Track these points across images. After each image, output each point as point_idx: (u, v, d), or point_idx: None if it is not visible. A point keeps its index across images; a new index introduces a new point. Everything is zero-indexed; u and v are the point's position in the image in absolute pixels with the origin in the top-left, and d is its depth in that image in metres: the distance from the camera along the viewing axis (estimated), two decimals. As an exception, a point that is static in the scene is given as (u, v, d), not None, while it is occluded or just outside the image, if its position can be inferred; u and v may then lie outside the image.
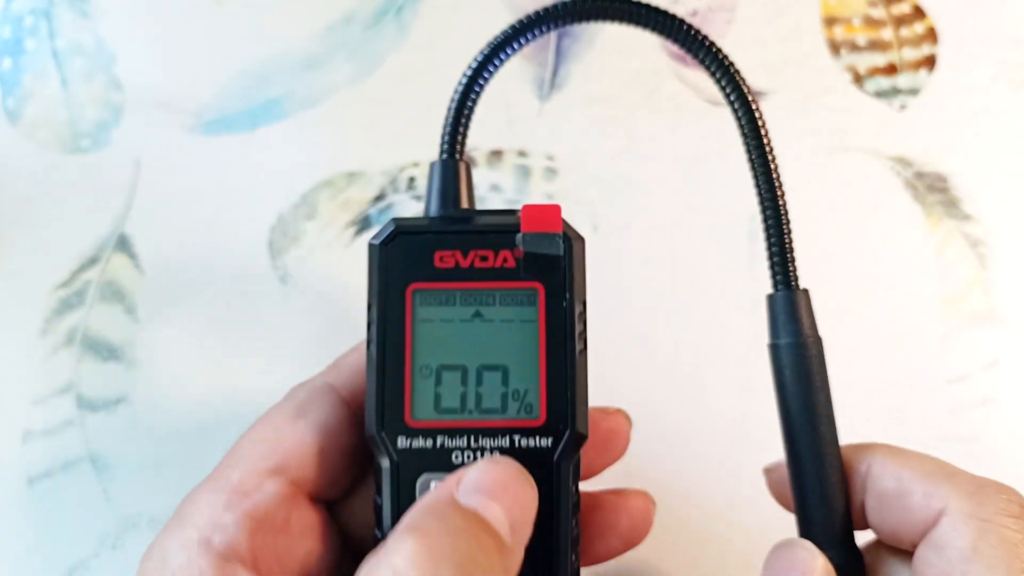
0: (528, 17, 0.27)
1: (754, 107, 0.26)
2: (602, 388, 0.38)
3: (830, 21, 0.45)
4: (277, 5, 0.46)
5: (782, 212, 0.26)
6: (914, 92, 0.43)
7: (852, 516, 0.26)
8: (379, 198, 0.42)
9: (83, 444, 0.38)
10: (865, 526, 0.26)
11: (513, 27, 0.27)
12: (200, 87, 0.45)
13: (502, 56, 0.27)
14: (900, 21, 0.45)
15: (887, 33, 0.45)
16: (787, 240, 0.26)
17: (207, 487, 0.25)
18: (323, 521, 0.26)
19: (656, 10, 0.27)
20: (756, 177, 0.26)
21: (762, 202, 0.26)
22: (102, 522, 0.37)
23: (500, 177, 0.42)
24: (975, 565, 0.22)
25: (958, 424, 0.37)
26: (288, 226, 0.42)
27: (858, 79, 0.44)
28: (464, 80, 0.27)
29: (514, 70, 0.44)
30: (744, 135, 0.27)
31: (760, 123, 0.26)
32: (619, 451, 0.29)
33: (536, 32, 0.27)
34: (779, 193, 0.26)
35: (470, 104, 0.27)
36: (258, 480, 0.25)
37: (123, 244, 0.42)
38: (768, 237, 0.26)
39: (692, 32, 0.27)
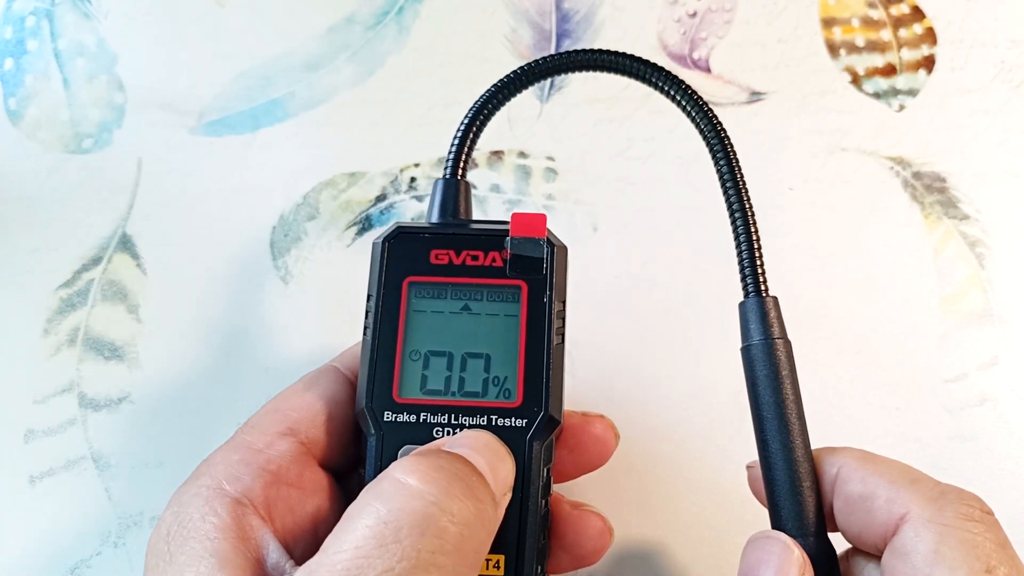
0: (535, 63, 0.30)
1: (719, 127, 0.29)
2: (602, 386, 0.39)
3: (829, 22, 0.45)
4: (279, 6, 0.46)
5: (751, 225, 0.28)
6: (913, 93, 0.44)
7: (823, 514, 0.26)
8: (380, 198, 0.42)
9: (85, 443, 0.38)
10: (835, 529, 0.26)
11: (520, 70, 0.30)
12: (202, 88, 0.45)
13: (506, 94, 0.30)
14: (899, 22, 0.45)
15: (886, 34, 0.45)
16: (757, 251, 0.28)
17: (222, 449, 0.26)
18: (332, 485, 0.28)
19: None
20: (726, 194, 0.28)
21: (732, 217, 0.28)
22: (104, 521, 0.37)
23: (500, 178, 0.43)
24: (938, 568, 0.22)
25: (956, 423, 0.38)
26: (290, 226, 0.42)
27: (857, 80, 0.44)
28: (471, 112, 0.30)
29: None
30: (713, 154, 0.29)
31: (727, 143, 0.28)
32: (599, 462, 0.30)
33: (538, 78, 0.30)
34: (748, 208, 0.28)
35: (474, 132, 0.30)
36: (272, 439, 0.26)
37: (125, 244, 0.42)
38: (738, 248, 0.28)
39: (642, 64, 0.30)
